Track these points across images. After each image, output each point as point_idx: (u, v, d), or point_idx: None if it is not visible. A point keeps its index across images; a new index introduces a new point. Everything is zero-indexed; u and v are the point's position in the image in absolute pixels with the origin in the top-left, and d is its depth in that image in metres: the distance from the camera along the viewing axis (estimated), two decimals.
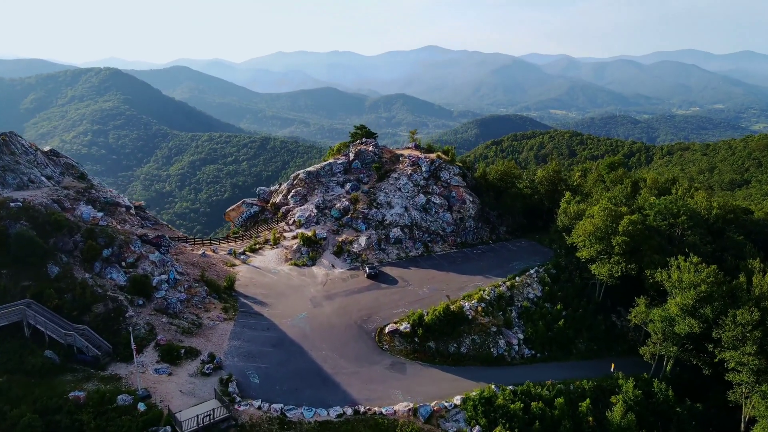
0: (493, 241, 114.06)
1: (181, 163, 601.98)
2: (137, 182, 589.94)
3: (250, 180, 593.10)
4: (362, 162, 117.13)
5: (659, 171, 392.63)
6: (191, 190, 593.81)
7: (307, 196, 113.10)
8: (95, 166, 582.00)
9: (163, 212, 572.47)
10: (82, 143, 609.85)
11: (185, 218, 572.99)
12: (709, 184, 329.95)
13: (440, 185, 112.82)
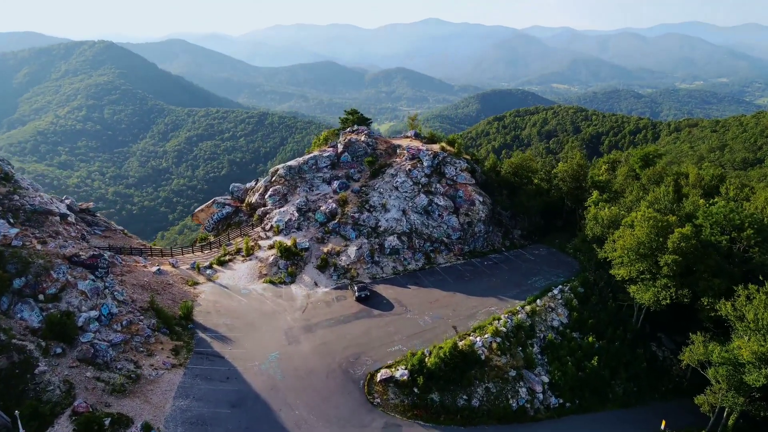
0: (507, 249, 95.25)
1: (178, 139, 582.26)
2: (133, 158, 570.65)
3: (248, 156, 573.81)
4: (353, 155, 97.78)
5: (667, 149, 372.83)
6: (188, 166, 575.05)
7: (287, 195, 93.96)
8: (90, 142, 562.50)
9: (160, 189, 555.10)
10: (77, 119, 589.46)
11: (182, 195, 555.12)
12: (721, 163, 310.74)
13: (445, 183, 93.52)
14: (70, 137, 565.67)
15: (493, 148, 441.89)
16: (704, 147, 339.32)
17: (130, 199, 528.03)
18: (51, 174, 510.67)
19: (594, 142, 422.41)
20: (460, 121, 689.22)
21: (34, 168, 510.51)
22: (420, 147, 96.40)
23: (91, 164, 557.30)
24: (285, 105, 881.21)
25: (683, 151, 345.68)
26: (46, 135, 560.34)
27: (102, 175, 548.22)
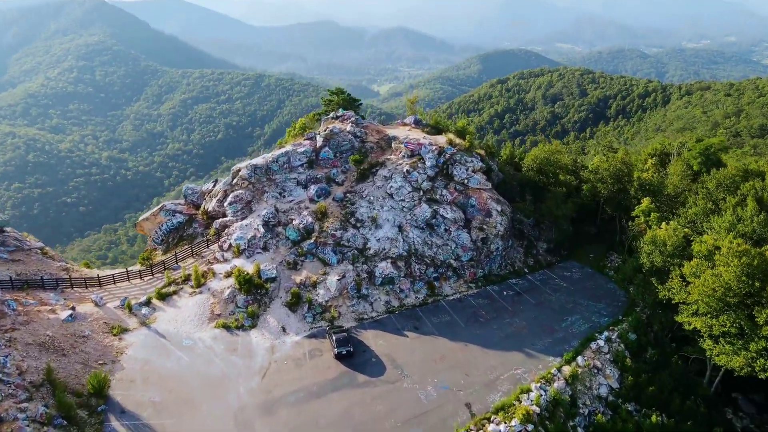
0: (530, 269, 73.46)
1: (173, 102, 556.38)
2: (127, 122, 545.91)
3: (244, 120, 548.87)
4: (335, 150, 74.99)
5: (678, 114, 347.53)
6: (183, 130, 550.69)
7: (252, 203, 71.71)
8: (83, 105, 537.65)
9: (155, 154, 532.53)
10: (68, 80, 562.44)
11: (178, 160, 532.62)
12: (737, 131, 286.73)
13: (453, 189, 70.81)
14: (62, 100, 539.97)
15: (495, 112, 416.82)
16: (718, 112, 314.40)
17: (125, 164, 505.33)
18: (42, 138, 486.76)
19: (601, 106, 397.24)
20: (462, 83, 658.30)
21: (25, 132, 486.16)
22: (421, 141, 73.19)
23: (84, 128, 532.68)
24: (283, 66, 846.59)
25: (696, 117, 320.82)
26: (37, 98, 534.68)
27: (95, 139, 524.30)
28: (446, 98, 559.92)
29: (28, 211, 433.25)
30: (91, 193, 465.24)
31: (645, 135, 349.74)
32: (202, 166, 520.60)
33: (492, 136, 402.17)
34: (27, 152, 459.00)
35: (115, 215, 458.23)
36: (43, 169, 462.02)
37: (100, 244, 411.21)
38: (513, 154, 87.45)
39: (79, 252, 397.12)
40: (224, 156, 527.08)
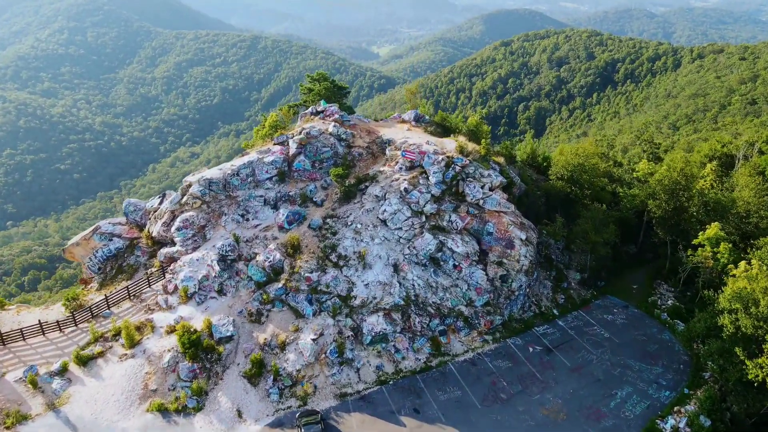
0: (561, 309, 56.68)
1: (167, 64, 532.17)
2: (120, 86, 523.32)
3: (240, 84, 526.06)
4: (314, 158, 56.64)
5: (690, 79, 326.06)
6: (178, 94, 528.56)
7: (206, 228, 54.56)
8: (74, 68, 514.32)
9: (150, 119, 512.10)
10: (59, 42, 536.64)
11: (173, 125, 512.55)
12: (753, 98, 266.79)
13: (465, 211, 53.42)
14: (53, 63, 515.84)
15: (499, 76, 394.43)
16: (733, 78, 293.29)
17: (119, 130, 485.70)
18: (34, 103, 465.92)
19: (609, 70, 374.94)
20: (464, 44, 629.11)
21: (15, 96, 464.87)
22: (423, 148, 54.27)
23: (77, 92, 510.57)
24: (280, 27, 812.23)
25: (709, 83, 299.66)
26: (27, 60, 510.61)
27: (88, 103, 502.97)
28: (448, 61, 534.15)
29: (21, 178, 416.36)
30: (85, 160, 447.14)
31: (655, 102, 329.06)
32: (198, 132, 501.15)
33: (495, 102, 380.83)
34: (18, 117, 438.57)
35: (110, 182, 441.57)
36: (35, 135, 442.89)
37: (96, 212, 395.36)
38: (534, 153, 69.72)
39: (75, 221, 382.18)
40: (221, 121, 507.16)
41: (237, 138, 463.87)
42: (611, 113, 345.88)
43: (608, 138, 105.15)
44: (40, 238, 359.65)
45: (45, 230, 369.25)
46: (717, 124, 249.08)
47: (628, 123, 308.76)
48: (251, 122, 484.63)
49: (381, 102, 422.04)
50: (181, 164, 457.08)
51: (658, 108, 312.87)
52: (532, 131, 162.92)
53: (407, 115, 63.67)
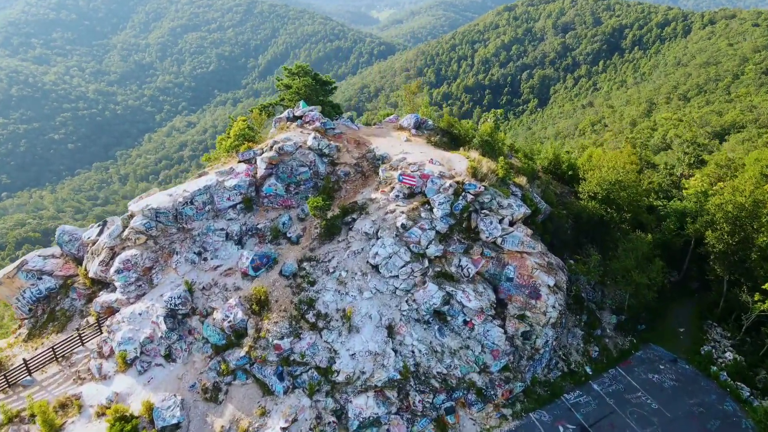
0: (595, 366, 44.90)
1: (161, 30, 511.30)
2: (114, 52, 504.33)
3: (237, 50, 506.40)
4: (288, 180, 43.78)
5: (701, 46, 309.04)
6: (173, 61, 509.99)
7: (153, 270, 42.59)
8: (66, 34, 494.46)
9: (145, 87, 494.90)
10: (49, 6, 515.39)
11: (168, 93, 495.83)
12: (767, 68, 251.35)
13: (479, 253, 40.93)
14: (44, 28, 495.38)
15: (502, 43, 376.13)
16: (747, 45, 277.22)
17: (113, 98, 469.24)
18: (26, 70, 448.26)
19: (616, 36, 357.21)
20: (466, 8, 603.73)
21: (6, 64, 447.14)
22: (426, 171, 41.11)
23: (69, 59, 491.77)
24: None
25: (721, 50, 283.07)
26: (18, 26, 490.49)
27: (81, 71, 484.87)
28: (449, 26, 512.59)
29: (14, 148, 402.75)
30: (79, 129, 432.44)
31: (664, 70, 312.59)
32: (194, 100, 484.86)
33: (498, 70, 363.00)
34: (10, 85, 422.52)
35: (105, 152, 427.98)
36: (27, 104, 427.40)
37: (91, 183, 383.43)
38: (558, 159, 57.12)
39: (70, 192, 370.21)
40: (217, 89, 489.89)
41: (234, 107, 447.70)
42: (618, 82, 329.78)
43: (643, 135, 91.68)
44: (35, 210, 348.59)
45: (40, 202, 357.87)
46: (730, 95, 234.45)
47: (636, 93, 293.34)
48: (248, 90, 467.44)
49: (381, 70, 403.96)
50: (178, 134, 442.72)
51: (667, 77, 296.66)
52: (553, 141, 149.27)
53: (406, 120, 50.54)
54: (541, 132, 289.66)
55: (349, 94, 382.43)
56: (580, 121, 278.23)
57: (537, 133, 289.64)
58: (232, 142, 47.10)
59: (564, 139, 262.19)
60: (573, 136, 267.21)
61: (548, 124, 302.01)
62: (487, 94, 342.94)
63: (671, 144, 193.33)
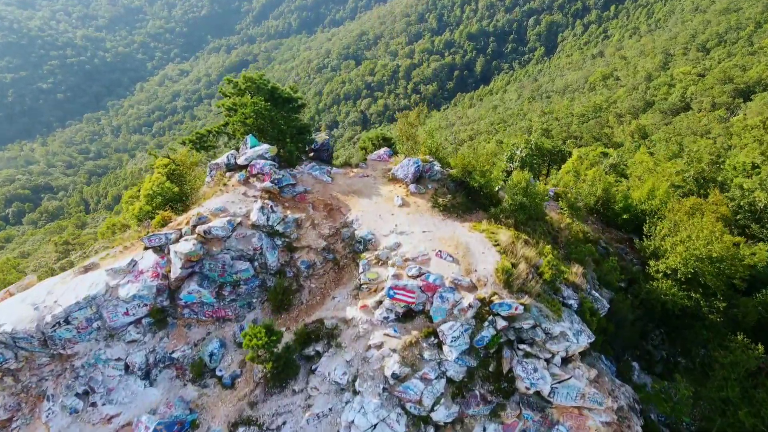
0: None
1: None
2: None
3: None
4: (219, 281, 27.08)
5: None
6: (164, 5, 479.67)
7: (13, 423, 27.69)
8: None
9: (135, 32, 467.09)
10: None
11: (159, 39, 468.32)
12: None
13: (513, 414, 25.12)
14: None
15: None
16: None
17: (102, 45, 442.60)
18: (10, 15, 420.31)
19: None
20: None
21: None
22: (430, 279, 25.10)
23: (55, 2, 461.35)
24: None
25: None
26: None
27: (68, 15, 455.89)
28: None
29: (2, 98, 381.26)
30: (69, 78, 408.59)
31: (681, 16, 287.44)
32: (186, 47, 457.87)
33: (503, 16, 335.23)
34: None
35: (96, 102, 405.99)
36: (13, 51, 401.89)
37: (83, 136, 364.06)
38: (609, 195, 40.44)
39: (61, 145, 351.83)
40: (210, 35, 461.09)
41: (228, 54, 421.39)
42: (630, 29, 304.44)
43: (719, 147, 73.46)
44: (26, 164, 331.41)
45: (31, 155, 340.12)
46: (753, 47, 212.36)
47: (650, 42, 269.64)
48: (242, 36, 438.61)
49: (380, 15, 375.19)
50: (171, 83, 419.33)
51: (684, 24, 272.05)
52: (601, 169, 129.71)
53: (402, 168, 33.15)
54: (548, 85, 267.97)
55: (347, 42, 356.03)
56: (590, 74, 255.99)
57: (544, 85, 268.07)
58: (142, 207, 30.53)
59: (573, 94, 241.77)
60: (583, 90, 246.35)
61: (555, 76, 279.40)
62: (491, 42, 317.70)
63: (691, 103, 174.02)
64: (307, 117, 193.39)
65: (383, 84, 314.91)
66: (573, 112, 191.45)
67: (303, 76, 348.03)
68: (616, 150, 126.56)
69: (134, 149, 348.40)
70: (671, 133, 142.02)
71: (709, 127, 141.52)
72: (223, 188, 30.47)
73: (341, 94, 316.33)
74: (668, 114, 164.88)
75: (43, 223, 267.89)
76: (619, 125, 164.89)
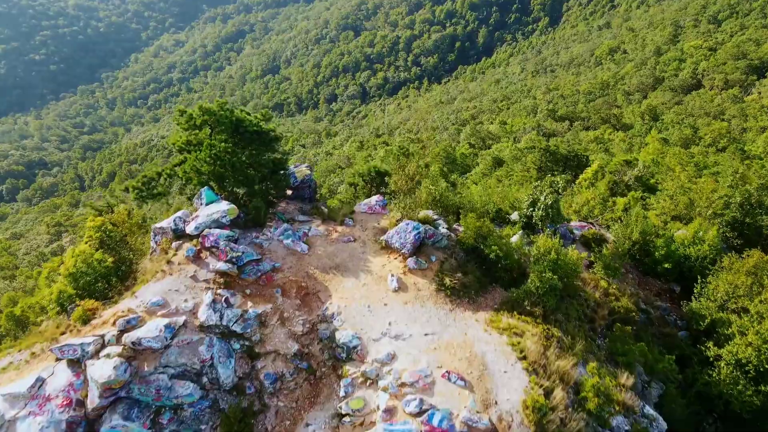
0: None
1: None
2: None
3: None
4: (154, 405, 19.45)
5: None
6: None
7: None
8: None
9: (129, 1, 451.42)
10: None
11: (154, 9, 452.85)
12: None
13: None
14: None
15: None
16: None
17: (95, 14, 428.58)
18: None
19: None
20: None
21: None
22: (435, 420, 17.95)
23: None
24: None
25: None
26: None
27: None
28: None
29: None
30: (61, 50, 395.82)
31: None
32: (182, 16, 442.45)
33: None
34: None
35: (90, 74, 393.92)
36: (4, 21, 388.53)
37: (77, 109, 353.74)
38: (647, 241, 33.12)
39: (55, 118, 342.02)
40: (206, 4, 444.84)
41: (224, 24, 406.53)
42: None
43: None
44: (20, 139, 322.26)
45: (25, 128, 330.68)
46: (767, 19, 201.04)
47: (659, 13, 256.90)
48: (239, 5, 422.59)
49: None
50: (166, 53, 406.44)
51: None
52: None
53: (397, 234, 24.65)
54: (552, 58, 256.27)
55: (345, 11, 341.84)
56: (596, 47, 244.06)
57: (548, 59, 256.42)
58: (63, 290, 23.14)
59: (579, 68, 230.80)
60: (589, 64, 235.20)
61: (560, 48, 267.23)
62: (494, 12, 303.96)
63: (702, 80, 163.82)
64: (291, 142, 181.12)
65: (383, 56, 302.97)
66: (579, 89, 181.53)
67: (301, 48, 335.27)
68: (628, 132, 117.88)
69: (130, 123, 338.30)
70: (683, 113, 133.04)
71: (723, 107, 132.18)
72: (166, 267, 23.06)
73: (340, 66, 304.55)
74: (679, 92, 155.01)
75: (38, 200, 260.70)
76: (628, 104, 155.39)
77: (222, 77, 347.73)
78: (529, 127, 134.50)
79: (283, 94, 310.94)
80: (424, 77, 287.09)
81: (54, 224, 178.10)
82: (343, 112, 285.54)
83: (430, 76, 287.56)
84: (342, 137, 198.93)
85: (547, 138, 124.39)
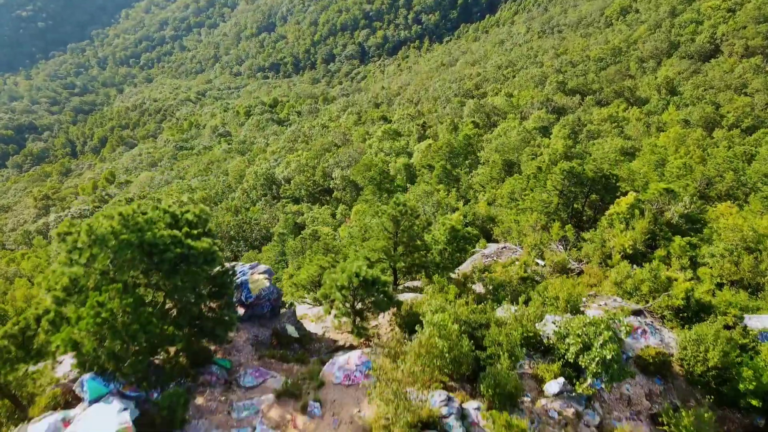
0: None
1: None
2: None
3: None
4: None
5: None
6: None
7: None
8: None
9: None
10: None
11: None
12: None
13: None
14: None
15: None
16: None
17: None
18: None
19: None
20: None
21: None
22: None
23: None
24: None
25: None
26: None
27: None
28: None
29: None
30: (48, 5, 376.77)
31: None
32: None
33: None
34: None
35: (81, 32, 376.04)
36: None
37: (68, 68, 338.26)
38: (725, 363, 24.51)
39: (45, 78, 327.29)
40: None
41: None
42: None
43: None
44: (11, 100, 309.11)
45: (15, 89, 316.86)
46: None
47: None
48: None
49: None
50: (158, 9, 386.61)
51: None
52: None
53: None
54: (560, 17, 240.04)
55: None
56: (606, 5, 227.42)
57: (555, 17, 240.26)
58: None
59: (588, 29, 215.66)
60: (598, 24, 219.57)
61: (568, 6, 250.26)
62: None
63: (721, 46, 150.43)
64: (287, 108, 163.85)
65: (382, 13, 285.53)
66: (589, 55, 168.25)
67: (297, 3, 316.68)
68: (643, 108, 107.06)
69: (122, 83, 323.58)
70: (702, 84, 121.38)
71: (745, 79, 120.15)
72: None
73: (338, 24, 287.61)
74: (696, 59, 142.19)
75: (29, 166, 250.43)
76: (642, 74, 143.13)
77: (216, 35, 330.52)
78: (537, 102, 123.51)
79: (280, 54, 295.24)
80: (425, 36, 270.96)
81: (42, 197, 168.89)
82: (341, 73, 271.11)
83: (431, 35, 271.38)
84: (339, 106, 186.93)
85: (557, 115, 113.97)
